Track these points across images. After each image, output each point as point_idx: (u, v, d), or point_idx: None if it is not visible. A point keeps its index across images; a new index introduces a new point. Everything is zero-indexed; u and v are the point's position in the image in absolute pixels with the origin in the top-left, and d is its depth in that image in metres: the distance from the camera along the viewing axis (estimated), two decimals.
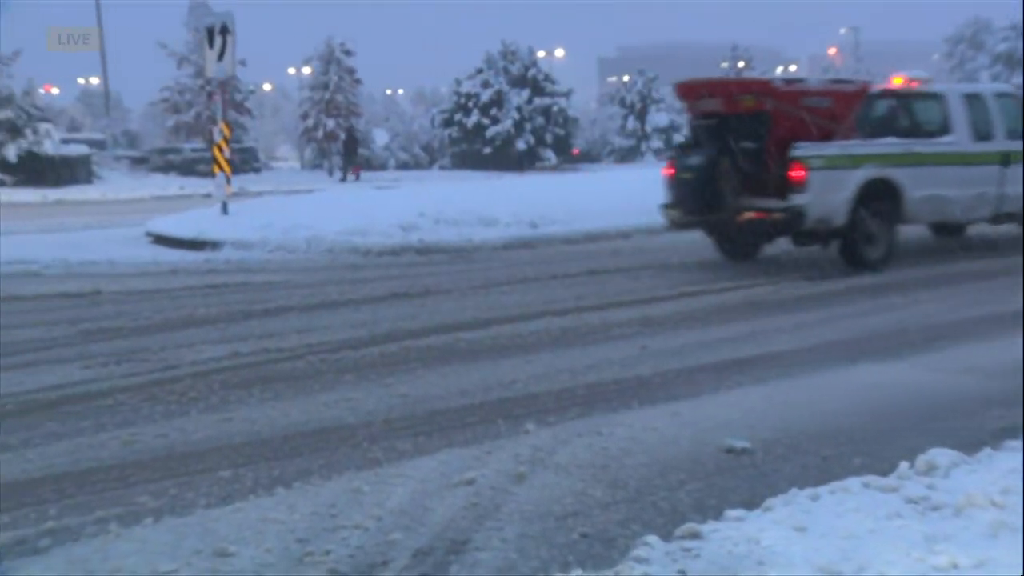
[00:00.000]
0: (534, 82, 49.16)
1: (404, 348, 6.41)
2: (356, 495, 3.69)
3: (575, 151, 52.97)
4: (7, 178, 31.15)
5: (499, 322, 7.34)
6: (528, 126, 48.14)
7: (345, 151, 40.25)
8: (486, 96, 48.25)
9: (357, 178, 38.63)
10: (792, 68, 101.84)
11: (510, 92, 48.26)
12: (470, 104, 48.82)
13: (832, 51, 75.09)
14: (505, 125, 47.54)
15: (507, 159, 48.63)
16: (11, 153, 31.21)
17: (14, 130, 31.64)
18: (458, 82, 50.73)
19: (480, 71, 49.82)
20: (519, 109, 47.88)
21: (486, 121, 48.00)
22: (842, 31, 69.27)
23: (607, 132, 57.21)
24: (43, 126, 32.57)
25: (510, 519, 3.48)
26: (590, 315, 7.56)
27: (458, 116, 49.32)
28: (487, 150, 48.15)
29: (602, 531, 3.40)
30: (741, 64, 55.80)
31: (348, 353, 6.23)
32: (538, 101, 48.47)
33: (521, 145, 47.96)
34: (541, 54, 53.08)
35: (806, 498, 3.44)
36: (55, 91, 67.84)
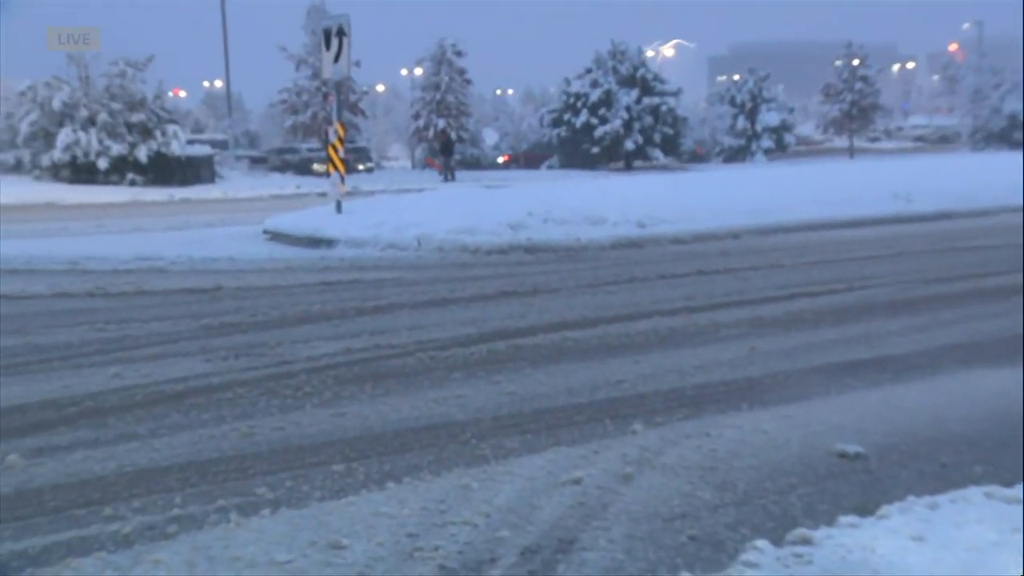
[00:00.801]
0: (643, 81, 48.78)
1: (512, 346, 6.46)
2: (465, 492, 3.74)
3: (699, 151, 52.59)
4: (138, 178, 32.53)
5: (607, 321, 7.33)
6: (636, 126, 47.81)
7: (442, 151, 40.68)
8: (595, 96, 48.10)
9: (452, 177, 39.02)
10: (910, 66, 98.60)
11: (619, 92, 48.00)
12: (579, 104, 48.74)
13: (953, 47, 72.31)
14: (614, 125, 47.32)
15: (614, 158, 48.45)
16: (142, 154, 32.54)
17: (145, 132, 32.98)
18: (567, 82, 50.73)
19: (589, 71, 49.71)
20: (628, 109, 47.60)
21: (594, 121, 47.85)
22: (965, 26, 66.55)
23: (716, 131, 56.38)
24: (171, 128, 33.84)
25: (617, 519, 3.49)
26: (699, 315, 7.49)
27: (567, 116, 49.28)
28: (595, 149, 48.02)
29: (711, 534, 3.37)
30: (856, 62, 54.20)
31: (457, 350, 6.31)
32: (647, 100, 48.07)
33: (629, 145, 47.68)
34: (650, 53, 52.79)
35: (924, 507, 3.35)
36: (182, 94, 70.41)
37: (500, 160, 52.60)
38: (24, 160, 34.33)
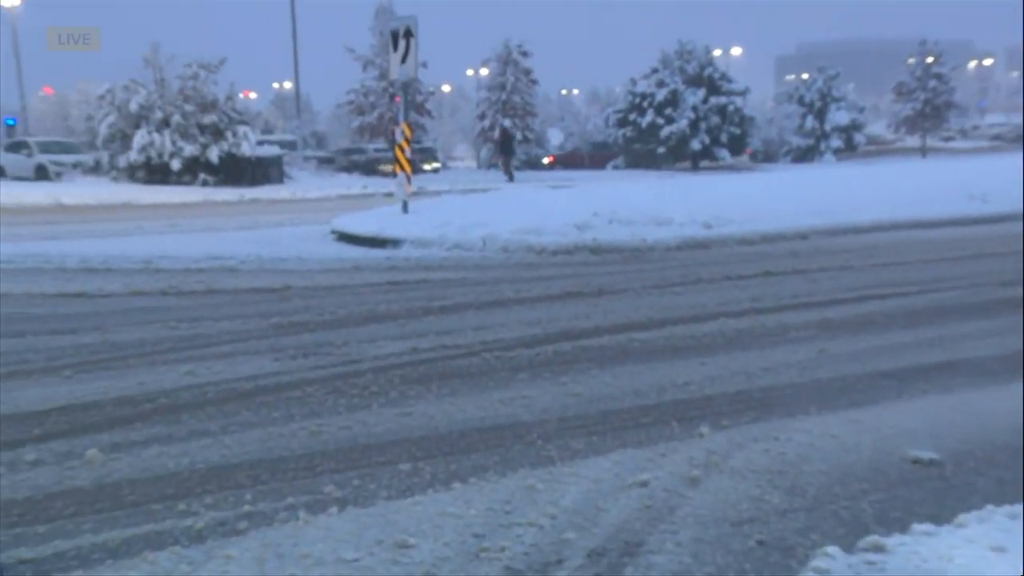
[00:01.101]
0: (710, 81, 48.39)
1: (578, 347, 6.45)
2: (530, 492, 3.74)
3: (748, 151, 51.96)
4: (209, 178, 33.18)
5: (673, 323, 7.28)
6: (703, 125, 47.45)
7: (501, 151, 40.66)
8: (661, 96, 47.86)
9: (511, 177, 39.04)
10: (987, 62, 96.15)
11: (685, 91, 47.68)
12: (645, 104, 48.53)
13: None
14: (680, 125, 47.03)
15: (681, 159, 48.14)
16: (213, 155, 33.19)
17: (217, 133, 33.62)
18: (633, 82, 50.54)
19: (655, 71, 49.48)
20: (694, 108, 47.26)
21: (660, 121, 47.60)
22: None
23: (784, 131, 55.69)
24: (242, 129, 34.43)
25: (684, 523, 3.46)
26: (766, 317, 7.40)
27: (632, 116, 49.10)
28: (660, 149, 47.76)
29: (780, 539, 3.33)
30: (930, 59, 53.10)
31: (523, 351, 6.32)
32: (713, 100, 47.68)
33: (695, 145, 47.35)
34: (717, 52, 52.28)
35: (1004, 516, 3.25)
36: (252, 95, 71.66)
37: (545, 161, 52.29)
38: (102, 161, 35.25)
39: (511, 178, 38.60)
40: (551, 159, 52.85)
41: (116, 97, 33.96)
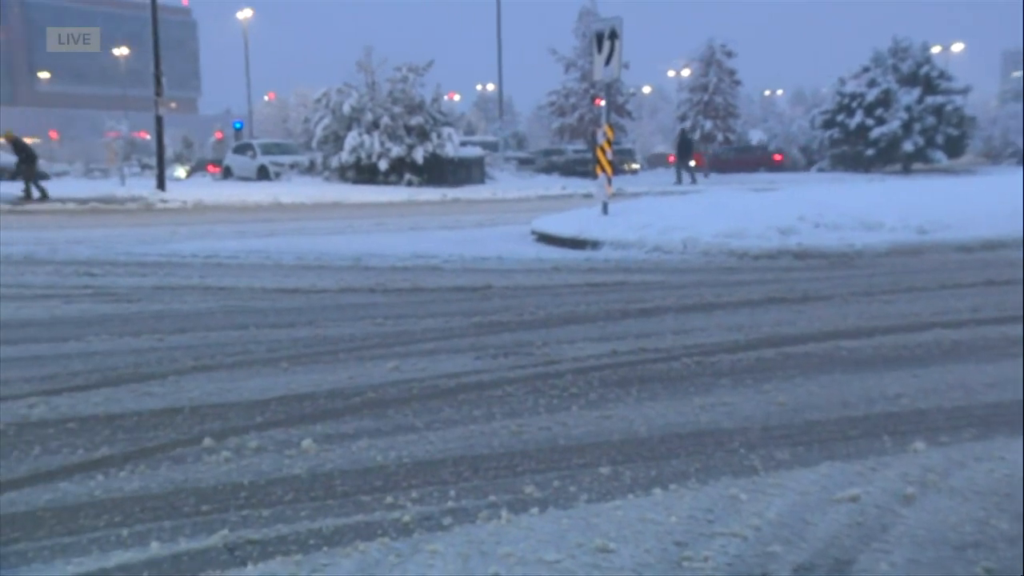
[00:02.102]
0: (926, 79, 45.98)
1: (782, 354, 6.25)
2: (733, 502, 3.65)
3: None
4: (414, 178, 34.37)
5: (883, 331, 6.96)
6: (917, 126, 45.13)
7: (679, 153, 39.87)
8: (872, 96, 45.88)
9: (692, 180, 38.25)
10: None
11: (899, 91, 45.50)
12: (853, 104, 46.65)
13: None
14: (891, 126, 44.92)
15: (891, 161, 46.00)
16: (419, 155, 34.36)
17: (423, 134, 34.80)
18: (841, 81, 48.70)
19: (867, 69, 47.48)
20: (908, 109, 45.03)
21: (870, 122, 45.64)
22: None
23: (1008, 131, 52.20)
24: (446, 130, 35.51)
25: (899, 542, 3.28)
26: (988, 329, 6.95)
27: (840, 117, 47.31)
28: (869, 152, 45.78)
29: (1010, 568, 3.10)
30: None
31: (724, 356, 6.19)
32: (930, 100, 45.28)
33: (908, 146, 45.11)
34: (936, 49, 49.60)
35: None
36: (456, 97, 73.70)
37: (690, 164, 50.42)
38: (316, 162, 37.17)
39: (693, 180, 37.95)
40: (698, 161, 50.98)
41: (331, 100, 35.72)
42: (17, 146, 24.53)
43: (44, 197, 24.42)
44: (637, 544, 3.27)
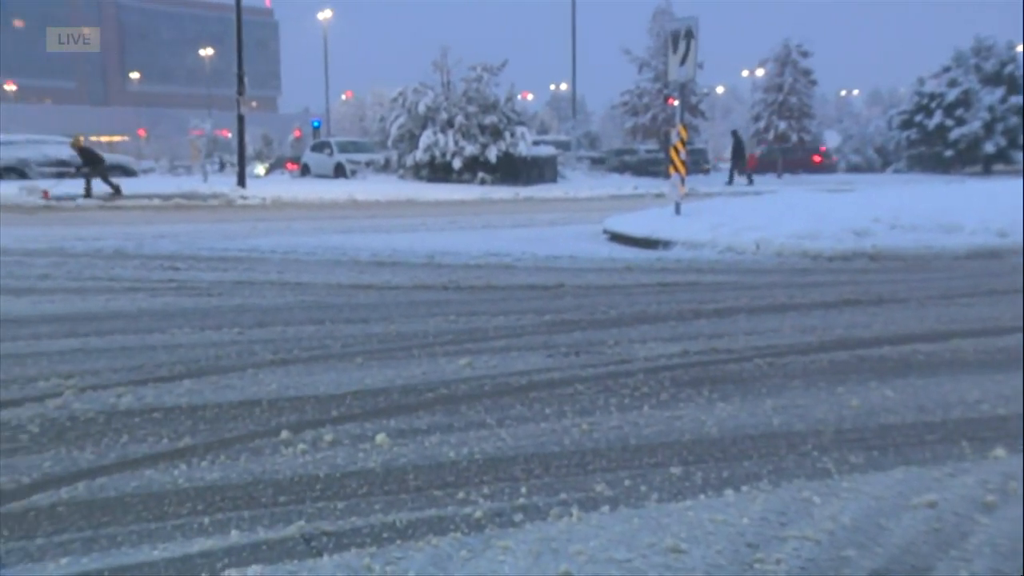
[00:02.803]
0: (1011, 79, 44.73)
1: (856, 357, 6.18)
2: (806, 505, 3.64)
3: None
4: (487, 177, 34.56)
5: (961, 335, 6.83)
6: (1000, 127, 43.94)
7: (733, 154, 39.33)
8: (952, 96, 44.81)
9: (750, 181, 37.65)
10: None
11: (981, 91, 44.35)
12: (932, 105, 45.60)
13: None
14: (972, 126, 43.82)
15: (971, 162, 44.87)
16: (492, 154, 34.54)
17: (496, 133, 34.96)
18: (920, 81, 47.66)
19: (947, 69, 46.39)
20: (991, 108, 43.85)
21: (950, 122, 44.56)
22: None
23: None
24: (519, 129, 35.63)
25: (979, 551, 3.24)
26: None
27: (918, 117, 46.28)
28: (948, 153, 44.71)
29: None
30: None
31: (796, 358, 6.14)
32: (1014, 100, 44.03)
33: (989, 147, 43.93)
34: (1021, 48, 48.20)
35: None
36: (530, 97, 73.82)
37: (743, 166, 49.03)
38: (392, 160, 37.58)
39: (750, 181, 37.41)
40: (752, 161, 49.70)
41: (407, 99, 36.08)
42: (84, 153, 25.24)
43: (117, 193, 25.10)
44: (708, 545, 3.28)
